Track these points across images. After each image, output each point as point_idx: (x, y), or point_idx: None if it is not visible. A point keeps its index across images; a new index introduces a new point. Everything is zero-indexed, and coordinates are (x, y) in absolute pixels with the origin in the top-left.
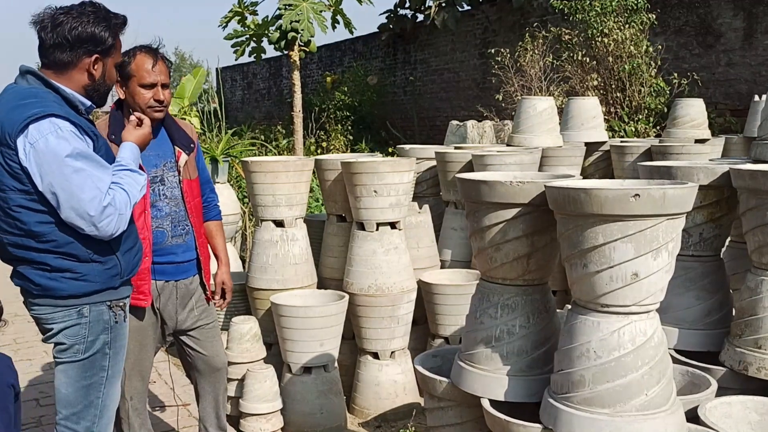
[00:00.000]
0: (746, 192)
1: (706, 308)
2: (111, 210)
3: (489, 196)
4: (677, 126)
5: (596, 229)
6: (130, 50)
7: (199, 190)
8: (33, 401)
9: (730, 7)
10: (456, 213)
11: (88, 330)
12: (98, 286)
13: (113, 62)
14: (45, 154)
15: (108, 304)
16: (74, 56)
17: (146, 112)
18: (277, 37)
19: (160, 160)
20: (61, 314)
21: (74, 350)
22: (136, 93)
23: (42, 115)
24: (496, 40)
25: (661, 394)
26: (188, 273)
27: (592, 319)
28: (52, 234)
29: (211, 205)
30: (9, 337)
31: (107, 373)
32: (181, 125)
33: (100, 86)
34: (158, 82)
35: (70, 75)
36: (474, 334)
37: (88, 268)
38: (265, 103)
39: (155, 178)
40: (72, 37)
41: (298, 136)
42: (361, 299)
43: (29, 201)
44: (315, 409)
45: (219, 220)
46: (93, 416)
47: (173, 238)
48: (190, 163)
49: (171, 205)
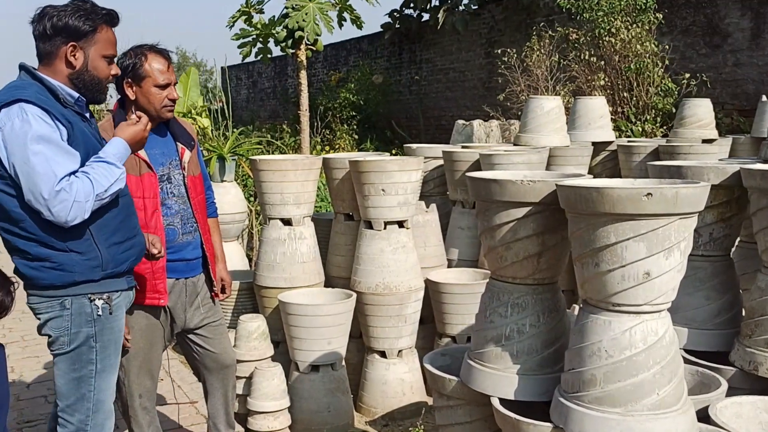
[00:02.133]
0: (757, 192)
1: (715, 308)
2: (65, 195)
3: (500, 194)
4: (684, 126)
5: (608, 228)
6: (138, 51)
7: (202, 187)
8: (41, 398)
9: (738, 7)
10: (463, 212)
11: (70, 322)
12: (77, 277)
13: (98, 53)
14: (10, 136)
15: (89, 296)
16: (53, 46)
17: (160, 112)
18: (284, 36)
19: (166, 159)
20: (45, 305)
21: (60, 342)
22: (151, 93)
23: (11, 101)
24: (502, 40)
25: (672, 393)
26: (196, 270)
27: (603, 318)
28: (28, 220)
29: (209, 201)
30: (17, 334)
31: (96, 366)
32: (181, 123)
33: (83, 75)
34: (171, 82)
35: (54, 65)
36: (484, 332)
37: (65, 258)
38: (270, 102)
39: (162, 177)
40: (50, 27)
41: (304, 135)
42: (368, 298)
43: (5, 185)
44: (322, 407)
45: (215, 217)
46: (87, 410)
47: (183, 235)
48: (192, 160)
49: (179, 203)
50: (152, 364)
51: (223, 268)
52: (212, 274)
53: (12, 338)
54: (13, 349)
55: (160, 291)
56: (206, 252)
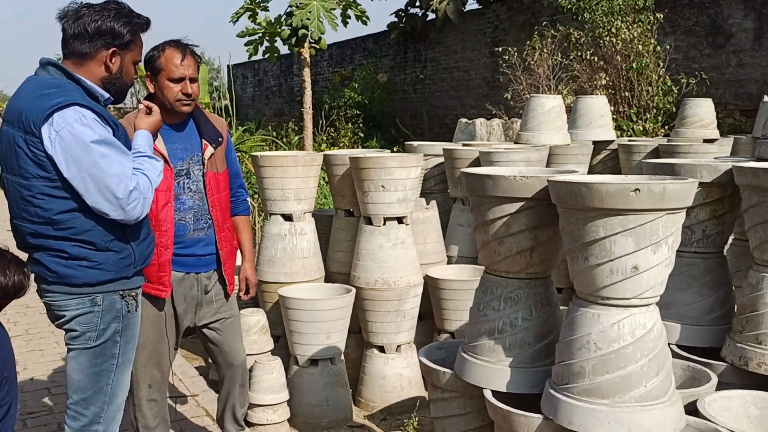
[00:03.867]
0: (748, 189)
1: (708, 305)
2: (137, 194)
3: (493, 190)
4: (686, 125)
5: (597, 223)
6: (159, 45)
7: (226, 184)
8: (44, 390)
9: (741, 7)
10: (463, 209)
11: (100, 318)
12: (112, 275)
13: (132, 59)
14: (71, 141)
15: (120, 293)
16: (92, 47)
17: (174, 106)
18: (288, 34)
19: (187, 154)
20: (75, 302)
21: (86, 337)
22: (165, 87)
23: (66, 104)
24: (506, 39)
25: (660, 386)
26: (209, 267)
27: (592, 312)
28: (72, 221)
29: (240, 199)
30: (21, 327)
31: (117, 361)
32: (210, 119)
33: (116, 80)
34: (186, 76)
35: (88, 66)
36: (477, 326)
37: (104, 257)
38: (275, 100)
39: (181, 171)
40: (92, 29)
41: (307, 133)
42: (367, 293)
43: (52, 188)
44: (321, 400)
45: (246, 215)
46: (102, 402)
47: (195, 231)
48: (218, 156)
49: (195, 199)
50: (161, 356)
51: (250, 267)
52: (223, 273)
53: (16, 332)
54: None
55: (164, 284)
56: (219, 250)
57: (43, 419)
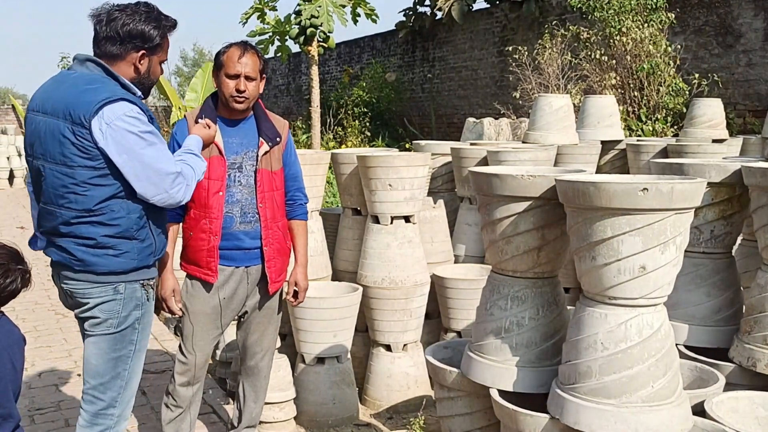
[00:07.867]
0: (757, 189)
1: (716, 305)
2: (181, 179)
3: (501, 189)
4: (695, 126)
5: (605, 223)
6: (228, 43)
7: (281, 183)
8: (52, 386)
9: (751, 7)
10: (471, 209)
11: (122, 306)
12: (135, 264)
13: (159, 60)
14: (122, 131)
15: (141, 282)
16: (123, 50)
17: (229, 101)
18: (297, 32)
19: (242, 148)
20: (98, 290)
21: (107, 324)
22: (222, 82)
23: (115, 99)
24: (514, 38)
25: (667, 386)
26: (255, 260)
27: (599, 311)
28: (107, 208)
29: (297, 203)
30: (30, 324)
31: (135, 347)
32: (271, 118)
33: (144, 80)
34: (242, 74)
35: (118, 66)
36: (484, 325)
37: (129, 245)
38: (284, 99)
39: (233, 164)
40: (123, 32)
41: (315, 131)
42: (374, 292)
43: (97, 177)
44: (327, 399)
45: (303, 220)
46: (119, 387)
47: (241, 224)
48: (273, 155)
49: (244, 193)
50: (205, 341)
51: (301, 272)
52: (267, 270)
53: (25, 329)
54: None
55: (211, 269)
56: (264, 246)
57: (50, 415)
